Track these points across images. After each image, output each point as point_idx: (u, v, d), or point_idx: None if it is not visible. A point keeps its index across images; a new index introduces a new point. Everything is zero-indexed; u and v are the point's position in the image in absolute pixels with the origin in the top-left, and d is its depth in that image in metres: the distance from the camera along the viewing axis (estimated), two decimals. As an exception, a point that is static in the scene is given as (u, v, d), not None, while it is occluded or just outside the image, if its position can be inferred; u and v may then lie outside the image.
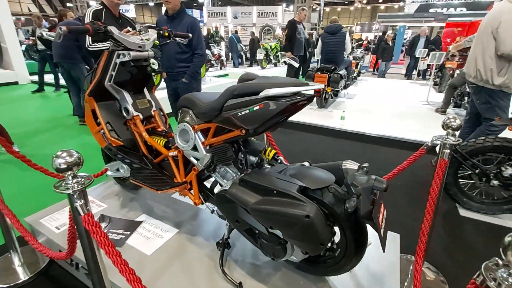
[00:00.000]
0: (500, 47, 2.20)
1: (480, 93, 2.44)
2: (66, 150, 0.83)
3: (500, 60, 2.25)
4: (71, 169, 0.82)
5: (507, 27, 2.14)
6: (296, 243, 1.04)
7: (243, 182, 1.15)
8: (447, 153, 1.27)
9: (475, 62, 2.40)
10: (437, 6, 16.11)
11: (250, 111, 1.03)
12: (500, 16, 2.18)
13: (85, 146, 3.39)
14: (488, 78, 2.32)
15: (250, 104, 1.04)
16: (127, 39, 1.44)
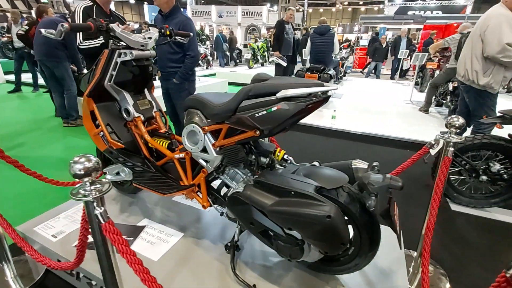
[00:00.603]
0: (486, 49, 2.31)
1: (469, 92, 2.56)
2: (83, 155, 0.79)
3: (486, 62, 2.37)
4: (90, 175, 0.78)
5: (493, 31, 2.25)
6: (316, 243, 1.04)
7: (258, 183, 1.14)
8: (451, 151, 1.32)
9: (464, 63, 2.52)
10: (414, 8, 16.77)
11: (267, 112, 1.02)
12: (489, 20, 2.30)
13: (71, 149, 3.24)
14: (474, 79, 2.44)
15: (268, 105, 1.03)
16: (129, 37, 1.39)
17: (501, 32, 2.22)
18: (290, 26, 5.24)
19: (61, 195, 2.26)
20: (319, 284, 1.28)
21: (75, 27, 1.24)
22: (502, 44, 2.22)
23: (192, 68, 2.51)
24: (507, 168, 2.16)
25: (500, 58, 2.26)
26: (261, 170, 1.29)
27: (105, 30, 1.34)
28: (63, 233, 1.57)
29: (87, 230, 0.97)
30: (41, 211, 1.98)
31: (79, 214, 1.72)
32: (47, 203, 2.19)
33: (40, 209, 2.09)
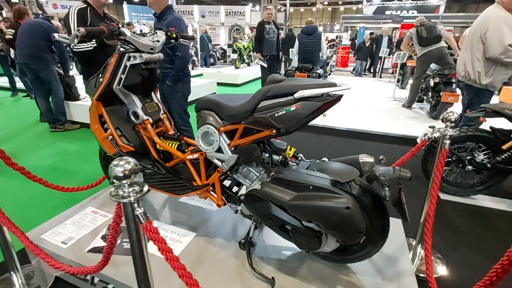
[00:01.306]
0: (488, 51, 2.44)
1: (468, 90, 2.72)
2: (122, 158, 0.81)
3: (487, 63, 2.50)
4: (129, 177, 0.80)
5: (494, 32, 2.37)
6: (335, 233, 1.11)
7: (276, 180, 1.19)
8: (447, 143, 1.43)
9: (464, 64, 2.65)
10: (392, 8, 17.41)
11: (286, 111, 1.08)
12: (488, 22, 2.41)
13: (62, 155, 3.15)
14: (476, 79, 2.58)
15: (286, 105, 1.08)
16: (139, 41, 1.40)
17: (502, 33, 2.34)
18: (271, 26, 5.26)
19: (61, 201, 2.21)
20: (332, 273, 1.35)
21: (90, 31, 1.24)
22: (505, 46, 2.34)
23: (182, 69, 2.50)
24: (490, 158, 2.33)
25: (503, 58, 2.39)
26: (274, 168, 1.35)
27: (117, 34, 1.34)
28: (73, 239, 1.55)
29: (117, 232, 0.98)
30: (42, 218, 1.94)
31: (86, 219, 1.71)
32: (47, 210, 2.14)
33: (40, 216, 2.05)
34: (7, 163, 1.36)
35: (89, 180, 2.57)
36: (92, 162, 2.97)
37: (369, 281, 1.32)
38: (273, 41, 5.34)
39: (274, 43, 5.38)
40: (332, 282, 1.30)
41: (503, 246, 1.93)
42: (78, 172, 2.73)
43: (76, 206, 1.84)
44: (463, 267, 1.75)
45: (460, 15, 14.90)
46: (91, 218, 1.72)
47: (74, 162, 2.96)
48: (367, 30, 15.33)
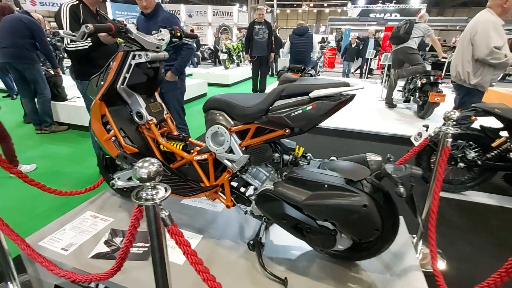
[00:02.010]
0: (475, 53, 2.59)
1: (459, 90, 2.85)
2: (146, 160, 0.78)
3: (476, 64, 2.65)
4: (154, 179, 0.77)
5: (482, 35, 2.52)
6: (351, 231, 1.12)
7: (290, 179, 1.19)
8: (449, 141, 1.48)
9: (456, 66, 2.80)
10: (375, 11, 17.92)
11: (303, 111, 1.08)
12: (477, 26, 2.56)
13: (51, 157, 3.02)
14: (465, 79, 2.71)
15: (302, 104, 1.09)
16: (145, 39, 1.36)
17: (489, 36, 2.49)
18: (261, 26, 5.23)
19: (55, 206, 2.12)
20: (343, 271, 1.36)
21: (98, 28, 1.19)
22: (490, 48, 2.49)
23: (189, 59, 2.49)
24: (480, 155, 2.44)
25: (489, 60, 2.54)
26: (285, 167, 1.34)
27: (124, 32, 1.30)
28: (74, 245, 1.48)
29: (134, 236, 0.95)
30: (37, 223, 1.86)
31: (86, 224, 1.64)
32: (41, 215, 2.04)
33: (35, 222, 1.95)
34: (4, 166, 1.29)
35: (82, 183, 2.48)
36: (84, 164, 2.87)
37: (378, 278, 1.34)
38: (263, 42, 5.31)
39: (264, 44, 5.34)
40: (343, 280, 1.32)
41: (497, 240, 2.03)
42: (70, 175, 2.63)
43: (74, 211, 1.76)
44: (463, 261, 1.82)
45: (440, 19, 15.54)
46: (91, 223, 1.65)
47: (64, 165, 2.84)
48: (352, 32, 15.71)
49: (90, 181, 2.51)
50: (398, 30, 4.49)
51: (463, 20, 12.96)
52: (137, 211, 0.88)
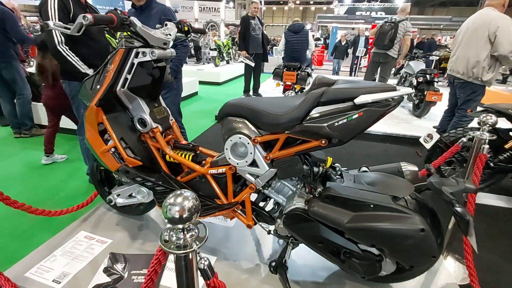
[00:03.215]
0: (498, 49, 2.51)
1: (466, 87, 2.79)
2: (178, 193, 0.60)
3: (491, 60, 2.60)
4: (190, 219, 0.59)
5: (505, 33, 2.45)
6: (403, 259, 0.98)
7: (328, 198, 1.03)
8: (486, 147, 1.37)
9: (467, 61, 2.70)
10: (362, 9, 18.10)
11: (348, 120, 0.92)
12: (496, 22, 2.49)
13: (32, 165, 2.72)
14: (479, 75, 2.65)
15: (346, 112, 0.93)
16: (151, 33, 1.15)
17: (511, 33, 2.45)
18: (256, 22, 5.00)
19: (37, 223, 1.85)
20: (379, 294, 1.23)
21: (98, 19, 0.97)
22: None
23: (186, 57, 2.27)
24: (492, 157, 2.38)
25: (510, 57, 2.48)
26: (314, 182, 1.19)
27: (127, 24, 1.09)
28: (68, 275, 1.27)
29: (153, 283, 0.76)
30: (16, 248, 1.61)
31: (80, 248, 1.42)
32: (20, 237, 1.77)
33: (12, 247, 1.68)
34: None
35: (71, 196, 2.23)
36: (71, 173, 2.60)
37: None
38: (259, 38, 5.11)
39: (260, 40, 5.16)
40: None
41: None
42: (55, 186, 2.36)
43: (65, 231, 1.54)
44: (487, 270, 1.73)
45: (424, 17, 15.86)
46: (86, 246, 1.44)
47: (49, 175, 2.56)
48: (339, 30, 15.76)
49: (79, 193, 2.26)
50: (384, 35, 4.38)
51: (447, 19, 13.27)
52: (161, 254, 0.69)
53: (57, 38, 1.67)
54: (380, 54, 4.52)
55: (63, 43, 1.71)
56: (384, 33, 4.34)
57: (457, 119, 2.87)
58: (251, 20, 4.94)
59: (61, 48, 1.70)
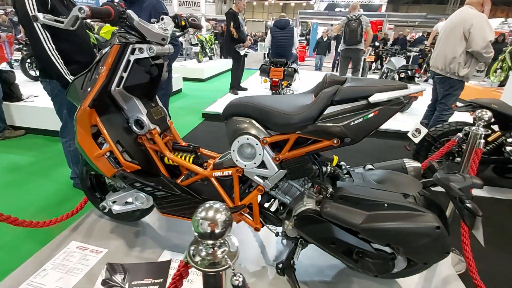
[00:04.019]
0: (472, 45, 2.61)
1: (444, 82, 2.88)
2: (207, 206, 0.55)
3: (466, 56, 2.70)
4: (223, 235, 0.55)
5: (479, 30, 2.56)
6: (418, 256, 0.98)
7: (341, 198, 1.01)
8: (482, 142, 1.42)
9: (445, 57, 2.80)
10: (341, 6, 18.38)
11: (364, 119, 0.90)
12: (471, 20, 2.59)
13: (7, 170, 2.51)
14: (455, 70, 2.75)
15: (361, 111, 0.91)
16: (150, 28, 1.07)
17: (485, 31, 2.57)
18: (241, 17, 5.07)
19: (21, 233, 1.71)
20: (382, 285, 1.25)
21: (95, 12, 0.88)
22: (487, 41, 2.57)
23: (177, 56, 2.17)
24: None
25: (483, 52, 2.60)
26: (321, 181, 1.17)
27: (124, 18, 1.00)
28: (62, 291, 1.17)
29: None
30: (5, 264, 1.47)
31: (73, 260, 1.33)
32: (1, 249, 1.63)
33: None
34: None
35: (54, 202, 2.08)
36: (52, 177, 2.43)
37: None
38: (245, 33, 5.15)
39: (246, 35, 5.18)
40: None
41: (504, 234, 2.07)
42: (36, 192, 2.19)
43: (54, 242, 1.43)
44: (479, 259, 1.81)
45: (401, 14, 16.38)
46: (79, 257, 1.34)
47: (26, 179, 2.38)
48: (320, 26, 15.92)
49: (63, 199, 2.12)
50: (355, 32, 4.63)
51: (422, 16, 13.81)
52: (184, 269, 0.64)
53: (42, 34, 1.53)
54: (352, 50, 4.80)
55: (49, 41, 1.57)
56: (354, 31, 4.61)
57: (438, 113, 2.98)
58: (238, 16, 4.93)
59: (47, 46, 1.56)
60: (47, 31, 1.57)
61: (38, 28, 1.52)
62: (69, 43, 1.74)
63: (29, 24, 1.53)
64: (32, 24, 1.53)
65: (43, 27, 1.56)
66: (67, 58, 1.69)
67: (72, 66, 1.73)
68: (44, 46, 1.56)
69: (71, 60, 1.73)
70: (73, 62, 1.75)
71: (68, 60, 1.69)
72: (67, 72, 1.66)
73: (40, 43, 1.56)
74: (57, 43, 1.64)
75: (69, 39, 1.73)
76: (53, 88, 1.84)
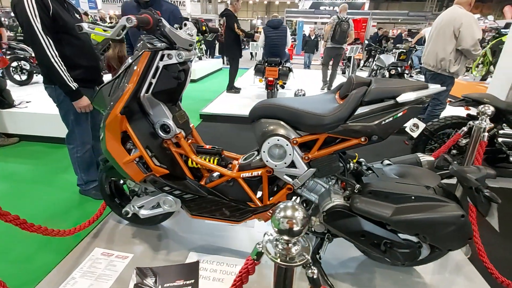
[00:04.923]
0: (461, 43, 2.75)
1: (436, 78, 3.03)
2: (288, 206, 0.59)
3: (456, 53, 2.84)
4: (301, 232, 0.58)
5: (468, 28, 2.69)
6: (443, 243, 1.05)
7: (371, 193, 1.07)
8: (486, 135, 1.52)
9: (436, 55, 2.92)
10: (325, 4, 18.61)
11: (394, 118, 0.96)
12: (460, 19, 2.72)
13: (5, 179, 2.44)
14: (446, 67, 2.88)
15: (391, 110, 0.97)
16: (179, 35, 1.09)
17: (473, 29, 2.70)
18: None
19: (34, 243, 1.67)
20: (405, 277, 1.32)
21: (140, 21, 0.89)
22: (475, 40, 2.71)
23: None
24: (466, 140, 2.63)
25: (472, 50, 2.74)
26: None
27: (161, 26, 1.01)
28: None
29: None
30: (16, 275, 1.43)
31: (101, 266, 1.33)
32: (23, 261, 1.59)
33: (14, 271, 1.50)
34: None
35: (63, 210, 2.04)
36: (54, 185, 2.37)
37: (434, 277, 1.33)
38: None
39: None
40: (409, 285, 1.27)
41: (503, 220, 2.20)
42: (43, 201, 2.14)
43: (77, 250, 1.42)
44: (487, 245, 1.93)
45: (384, 12, 16.80)
46: (106, 264, 1.34)
47: (30, 188, 2.31)
48: (305, 25, 16.08)
49: (71, 206, 2.08)
50: (344, 33, 5.03)
51: (404, 13, 14.25)
52: (251, 264, 0.67)
53: (45, 40, 1.50)
54: (337, 48, 5.28)
55: (52, 47, 1.55)
56: (344, 32, 5.04)
57: (431, 107, 3.13)
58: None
59: (50, 52, 1.53)
60: (49, 37, 1.54)
61: (40, 33, 1.49)
62: (72, 47, 1.71)
63: (30, 30, 1.50)
64: (33, 30, 1.50)
65: (45, 32, 1.53)
66: (71, 62, 1.67)
67: (76, 71, 1.71)
68: (47, 52, 1.54)
69: (75, 65, 1.71)
70: (77, 67, 1.73)
71: (72, 64, 1.68)
72: (71, 80, 1.65)
73: (43, 49, 1.53)
74: (60, 48, 1.62)
75: (72, 43, 1.71)
76: (59, 95, 1.81)
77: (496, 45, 5.40)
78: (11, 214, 0.97)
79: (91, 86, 1.91)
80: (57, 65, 1.58)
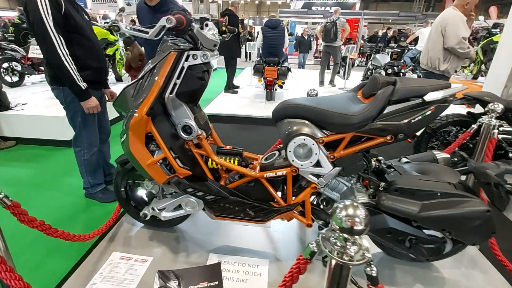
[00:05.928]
0: (446, 42, 2.84)
1: (428, 77, 3.14)
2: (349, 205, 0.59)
3: (445, 52, 2.92)
4: (364, 231, 0.59)
5: (452, 27, 2.81)
6: (468, 238, 1.08)
7: (397, 191, 1.09)
8: (496, 132, 1.56)
9: (428, 53, 3.01)
10: (317, 4, 18.79)
11: (423, 116, 0.98)
12: (448, 19, 2.84)
13: (13, 182, 2.37)
14: (436, 65, 2.97)
15: (419, 109, 0.99)
16: (206, 35, 1.08)
17: (458, 28, 2.80)
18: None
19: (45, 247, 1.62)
20: (422, 271, 1.34)
21: (177, 21, 0.88)
22: (459, 38, 2.79)
23: None
24: (472, 138, 2.70)
25: (457, 48, 2.82)
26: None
27: (192, 27, 1.00)
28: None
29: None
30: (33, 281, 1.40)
31: (121, 271, 1.30)
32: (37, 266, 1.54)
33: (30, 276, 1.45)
34: (22, 220, 0.91)
35: (70, 215, 1.99)
36: (59, 187, 2.31)
37: (454, 273, 1.36)
38: None
39: None
40: (429, 280, 1.30)
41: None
42: (48, 205, 2.08)
43: (94, 255, 1.39)
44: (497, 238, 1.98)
45: (375, 12, 17.06)
46: (126, 268, 1.32)
47: (32, 192, 2.25)
48: (297, 25, 16.17)
49: (77, 210, 2.03)
50: (329, 32, 5.58)
51: (395, 13, 14.53)
52: (303, 264, 0.67)
53: (56, 39, 1.47)
54: (329, 46, 5.82)
55: (63, 46, 1.51)
56: (329, 31, 5.59)
57: None
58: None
59: (61, 51, 1.50)
60: (61, 35, 1.51)
61: (52, 31, 1.46)
62: (83, 48, 1.68)
63: (42, 27, 1.47)
64: (45, 27, 1.46)
65: (57, 31, 1.50)
66: (80, 63, 1.64)
67: (86, 72, 1.68)
68: (58, 51, 1.51)
69: (85, 66, 1.68)
70: (86, 68, 1.70)
71: (81, 65, 1.64)
72: (80, 79, 1.62)
73: (54, 48, 1.50)
74: (71, 48, 1.59)
75: (83, 44, 1.68)
76: (66, 96, 1.77)
77: (487, 44, 5.56)
78: (37, 219, 0.94)
79: (99, 88, 1.88)
80: (68, 64, 1.54)
